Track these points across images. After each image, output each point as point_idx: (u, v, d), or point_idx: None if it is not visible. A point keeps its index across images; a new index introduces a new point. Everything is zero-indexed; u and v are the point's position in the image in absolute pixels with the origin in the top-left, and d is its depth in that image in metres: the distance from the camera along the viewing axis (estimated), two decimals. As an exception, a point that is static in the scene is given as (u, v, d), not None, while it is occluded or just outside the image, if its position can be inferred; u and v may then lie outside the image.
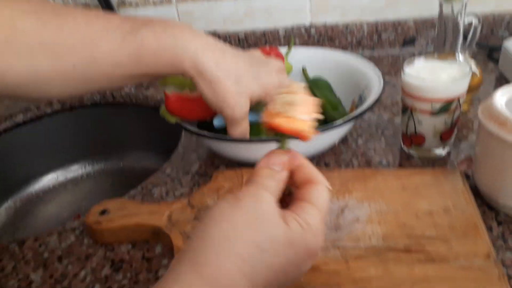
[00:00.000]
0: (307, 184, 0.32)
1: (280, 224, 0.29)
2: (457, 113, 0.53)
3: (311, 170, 0.33)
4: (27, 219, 0.85)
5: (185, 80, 0.50)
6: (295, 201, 0.32)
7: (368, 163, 0.58)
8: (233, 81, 0.41)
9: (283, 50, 0.68)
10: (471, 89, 0.64)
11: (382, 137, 0.63)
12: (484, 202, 0.48)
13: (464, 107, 0.67)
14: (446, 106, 0.52)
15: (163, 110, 0.55)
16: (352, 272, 0.39)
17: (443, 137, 0.55)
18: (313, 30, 0.94)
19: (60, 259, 0.49)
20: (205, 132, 0.54)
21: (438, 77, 0.52)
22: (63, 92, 0.40)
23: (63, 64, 0.37)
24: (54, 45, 0.36)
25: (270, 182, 0.31)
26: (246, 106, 0.43)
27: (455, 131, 0.56)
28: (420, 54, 0.91)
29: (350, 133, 0.65)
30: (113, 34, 0.38)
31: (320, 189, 0.32)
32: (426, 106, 0.52)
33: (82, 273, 0.47)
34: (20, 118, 0.87)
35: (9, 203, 0.87)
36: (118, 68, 0.39)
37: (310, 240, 0.30)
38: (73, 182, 0.93)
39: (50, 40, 0.36)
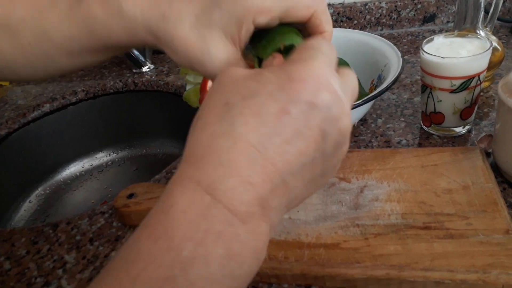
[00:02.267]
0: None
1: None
2: (477, 90, 0.53)
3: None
4: (57, 205, 0.89)
5: None
6: None
7: (388, 143, 0.58)
8: (190, 23, 0.30)
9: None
10: (493, 65, 0.63)
11: (402, 117, 0.63)
12: (505, 180, 0.48)
13: (485, 84, 0.66)
14: (466, 84, 0.51)
15: (186, 94, 0.56)
16: (371, 249, 0.40)
17: (463, 115, 0.54)
18: (331, 10, 0.93)
19: (91, 241, 0.52)
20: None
21: (457, 54, 0.52)
22: (33, 74, 0.39)
23: (20, 41, 0.36)
24: (8, 20, 0.35)
25: None
26: (220, 52, 0.30)
27: (476, 108, 0.55)
28: (440, 31, 0.90)
29: (369, 113, 0.65)
30: (60, 4, 0.34)
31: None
32: (446, 84, 0.52)
33: (113, 254, 0.49)
34: (47, 107, 0.90)
35: (39, 191, 0.91)
36: (71, 41, 0.35)
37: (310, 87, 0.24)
38: (99, 169, 0.96)
39: (3, 15, 0.35)
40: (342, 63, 0.68)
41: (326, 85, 0.24)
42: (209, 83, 0.31)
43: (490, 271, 0.36)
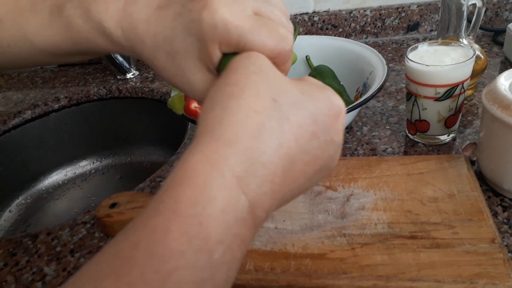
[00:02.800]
0: None
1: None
2: (461, 98, 0.53)
3: None
4: (38, 215, 0.87)
5: None
6: None
7: (373, 151, 0.58)
8: (165, 51, 0.29)
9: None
10: (476, 73, 0.64)
11: (387, 125, 0.63)
12: (489, 188, 0.48)
13: (469, 92, 0.67)
14: (450, 92, 0.52)
15: (171, 101, 0.55)
16: (358, 259, 0.40)
17: (448, 123, 0.55)
18: (316, 17, 0.94)
19: (72, 252, 0.50)
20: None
21: (441, 62, 0.52)
22: (12, 68, 0.39)
23: None
24: None
25: None
26: (199, 81, 0.29)
27: (460, 116, 0.56)
28: (424, 39, 0.91)
29: (354, 121, 0.65)
30: (41, 8, 0.33)
31: None
32: (430, 92, 0.52)
33: (94, 266, 0.48)
34: (28, 114, 0.88)
35: (20, 200, 0.89)
36: (54, 47, 0.34)
37: None
38: (82, 177, 0.94)
39: None
40: (327, 71, 0.68)
41: (343, 127, 0.27)
42: None
43: (477, 281, 0.36)
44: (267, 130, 0.23)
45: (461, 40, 0.61)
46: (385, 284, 0.37)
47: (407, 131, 0.60)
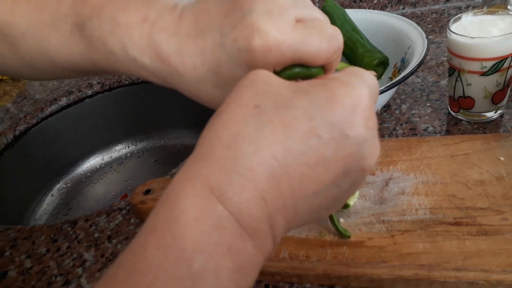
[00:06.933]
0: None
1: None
2: (510, 71, 0.49)
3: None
4: (78, 198, 0.89)
5: None
6: None
7: (413, 131, 0.55)
8: (211, 82, 0.28)
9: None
10: (527, 43, 0.59)
11: (427, 102, 0.60)
12: (542, 168, 0.45)
13: (518, 63, 0.62)
14: (498, 65, 0.48)
15: None
16: (398, 247, 0.38)
17: (495, 99, 0.51)
18: (349, -9, 0.89)
19: (109, 238, 0.51)
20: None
21: (488, 33, 0.48)
22: (37, 78, 0.38)
23: (21, 54, 0.34)
24: (9, 30, 0.33)
25: None
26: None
27: (508, 91, 0.52)
28: (467, 8, 0.85)
29: (392, 98, 0.62)
30: (61, 25, 0.32)
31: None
32: (476, 66, 0.49)
33: (131, 252, 0.48)
34: (63, 101, 0.90)
35: (61, 184, 0.92)
36: (74, 64, 0.33)
37: (340, 93, 0.22)
38: (119, 161, 0.96)
39: (5, 24, 0.33)
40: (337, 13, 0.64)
41: (365, 117, 0.23)
42: None
43: (529, 271, 0.33)
44: (241, 138, 0.22)
45: (509, 7, 0.56)
46: (428, 274, 0.35)
47: (449, 109, 0.56)
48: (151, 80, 0.31)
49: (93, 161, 0.96)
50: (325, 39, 0.26)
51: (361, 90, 0.23)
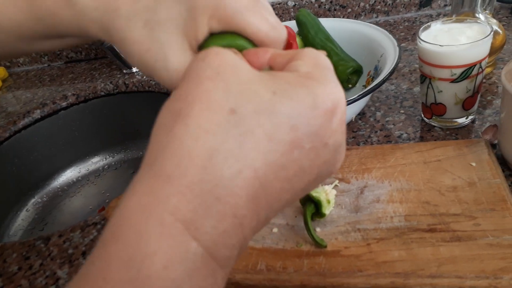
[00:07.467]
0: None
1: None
2: (479, 78, 0.50)
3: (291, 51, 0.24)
4: (54, 213, 0.87)
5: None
6: None
7: (388, 138, 0.56)
8: (143, 20, 0.25)
9: (292, 25, 0.66)
10: (494, 50, 0.60)
11: (401, 109, 0.61)
12: (512, 172, 0.46)
13: (487, 70, 0.64)
14: (467, 72, 0.49)
15: None
16: (374, 255, 0.38)
17: (466, 105, 0.52)
18: (323, -1, 0.90)
19: (84, 254, 0.50)
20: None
21: (456, 41, 0.49)
22: None
23: None
24: None
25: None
26: (178, 60, 0.25)
27: (478, 97, 0.53)
28: (438, 15, 0.86)
29: (367, 106, 0.63)
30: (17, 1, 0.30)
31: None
32: (446, 74, 0.49)
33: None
34: (37, 114, 0.88)
35: (36, 199, 0.89)
36: (19, 27, 0.31)
37: (316, 92, 0.20)
38: (96, 174, 0.94)
39: None
40: (310, 23, 0.65)
41: (342, 121, 0.22)
42: None
43: (502, 276, 0.33)
44: (220, 155, 0.18)
45: (477, 15, 0.57)
46: (404, 282, 0.35)
47: (422, 115, 0.57)
48: (90, 32, 0.28)
49: (70, 174, 0.94)
50: (268, 24, 0.25)
51: (339, 91, 0.22)
